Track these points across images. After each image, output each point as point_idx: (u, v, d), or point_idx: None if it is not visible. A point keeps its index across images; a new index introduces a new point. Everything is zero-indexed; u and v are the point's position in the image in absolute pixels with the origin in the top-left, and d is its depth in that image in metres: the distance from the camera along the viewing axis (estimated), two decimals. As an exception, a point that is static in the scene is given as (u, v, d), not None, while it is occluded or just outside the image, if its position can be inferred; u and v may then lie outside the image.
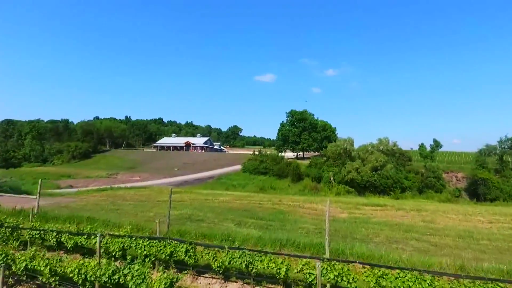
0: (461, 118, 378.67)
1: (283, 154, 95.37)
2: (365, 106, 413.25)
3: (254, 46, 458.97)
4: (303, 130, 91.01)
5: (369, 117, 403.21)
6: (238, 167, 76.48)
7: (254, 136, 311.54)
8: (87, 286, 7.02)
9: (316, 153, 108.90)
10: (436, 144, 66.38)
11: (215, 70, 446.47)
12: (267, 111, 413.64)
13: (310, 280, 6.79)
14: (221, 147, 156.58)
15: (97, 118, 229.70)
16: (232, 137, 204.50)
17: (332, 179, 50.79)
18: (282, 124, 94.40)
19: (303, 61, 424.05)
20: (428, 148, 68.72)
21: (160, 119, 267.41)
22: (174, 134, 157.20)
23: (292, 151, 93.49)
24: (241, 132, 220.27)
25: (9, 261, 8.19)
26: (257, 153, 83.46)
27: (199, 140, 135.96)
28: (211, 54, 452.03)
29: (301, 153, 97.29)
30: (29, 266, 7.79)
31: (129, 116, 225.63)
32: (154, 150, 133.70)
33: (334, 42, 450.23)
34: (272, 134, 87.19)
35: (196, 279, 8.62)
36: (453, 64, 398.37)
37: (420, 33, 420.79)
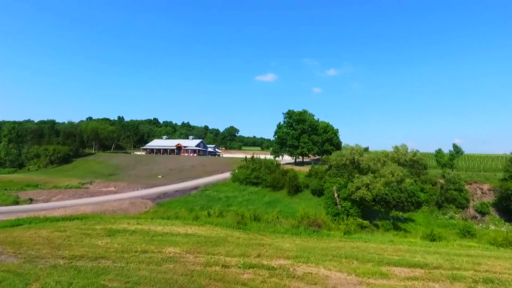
0: (462, 117, 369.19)
1: (280, 158, 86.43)
2: (367, 105, 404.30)
3: (255, 46, 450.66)
4: (302, 132, 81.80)
5: (371, 117, 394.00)
6: (229, 174, 67.51)
7: (254, 136, 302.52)
8: None
9: (317, 157, 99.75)
10: (457, 150, 57.04)
11: (215, 70, 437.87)
12: (267, 111, 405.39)
13: None
14: (216, 149, 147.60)
15: (90, 118, 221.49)
16: (229, 138, 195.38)
17: (336, 195, 41.70)
18: (279, 126, 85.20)
19: (304, 60, 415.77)
20: (445, 152, 59.27)
21: (155, 119, 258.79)
22: (165, 136, 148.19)
23: (290, 155, 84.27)
24: (238, 133, 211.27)
25: None
26: (249, 156, 74.08)
27: (191, 143, 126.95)
28: (211, 54, 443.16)
29: (300, 156, 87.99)
30: None
31: (122, 116, 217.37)
32: (144, 153, 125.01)
33: (335, 41, 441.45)
34: (272, 135, 79.62)
35: None
36: (455, 63, 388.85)
37: (422, 32, 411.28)
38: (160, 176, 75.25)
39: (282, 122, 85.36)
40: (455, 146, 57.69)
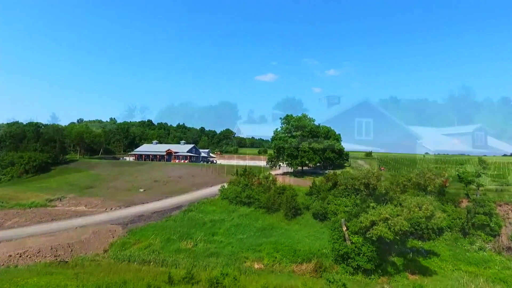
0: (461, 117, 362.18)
1: (277, 167, 78.13)
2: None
3: (256, 45, 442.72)
4: (301, 139, 73.41)
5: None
6: (219, 189, 58.93)
7: (253, 137, 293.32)
8: None
9: (318, 164, 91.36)
10: (483, 166, 48.78)
11: (215, 70, 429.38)
12: (267, 111, 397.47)
13: None
14: (210, 154, 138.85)
15: (81, 120, 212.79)
16: (225, 142, 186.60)
17: (344, 228, 33.37)
18: (276, 133, 76.80)
19: (304, 60, 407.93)
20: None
21: (149, 121, 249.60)
22: (155, 141, 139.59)
23: (289, 165, 75.86)
24: (235, 135, 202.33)
25: None
26: (243, 163, 65.57)
27: (182, 148, 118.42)
28: (211, 54, 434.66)
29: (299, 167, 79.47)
30: None
31: (114, 118, 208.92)
32: (132, 158, 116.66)
33: (335, 41, 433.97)
34: (271, 134, 72.88)
35: None
36: (456, 62, 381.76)
37: (423, 31, 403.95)
38: (141, 190, 66.77)
39: (279, 129, 77.00)
40: (480, 159, 49.37)
